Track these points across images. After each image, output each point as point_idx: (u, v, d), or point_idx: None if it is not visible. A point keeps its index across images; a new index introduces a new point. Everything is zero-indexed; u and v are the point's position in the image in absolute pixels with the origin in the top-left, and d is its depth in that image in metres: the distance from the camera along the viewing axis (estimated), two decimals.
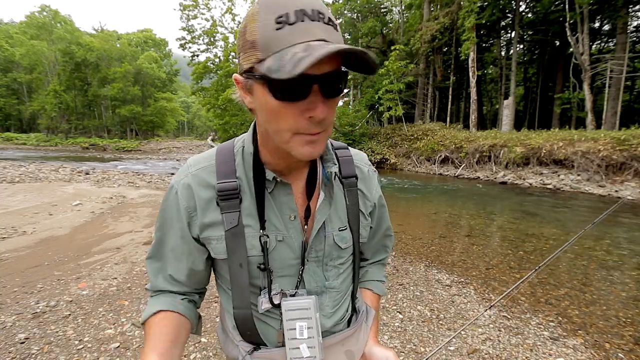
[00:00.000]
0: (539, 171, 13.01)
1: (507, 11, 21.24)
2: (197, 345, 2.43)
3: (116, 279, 3.55)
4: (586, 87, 15.47)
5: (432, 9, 23.19)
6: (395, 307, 3.12)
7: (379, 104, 21.14)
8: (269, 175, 0.64)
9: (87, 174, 12.54)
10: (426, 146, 18.12)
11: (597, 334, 2.73)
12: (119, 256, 4.22)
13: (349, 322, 0.79)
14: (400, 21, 27.07)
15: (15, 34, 48.34)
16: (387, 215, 0.89)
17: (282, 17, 0.48)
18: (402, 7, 26.89)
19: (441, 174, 16.54)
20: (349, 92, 32.80)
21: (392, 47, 21.19)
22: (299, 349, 0.66)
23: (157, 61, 50.36)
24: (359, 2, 26.41)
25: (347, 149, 0.79)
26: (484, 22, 19.62)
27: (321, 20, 0.49)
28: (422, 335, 2.67)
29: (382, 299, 3.25)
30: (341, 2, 25.72)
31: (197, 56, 29.93)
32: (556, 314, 3.03)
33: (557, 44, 22.09)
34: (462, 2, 19.13)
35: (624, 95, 16.99)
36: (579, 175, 11.65)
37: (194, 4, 27.85)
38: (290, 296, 0.67)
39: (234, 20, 28.84)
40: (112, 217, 6.19)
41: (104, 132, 49.29)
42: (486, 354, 2.42)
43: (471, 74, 19.28)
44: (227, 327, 0.76)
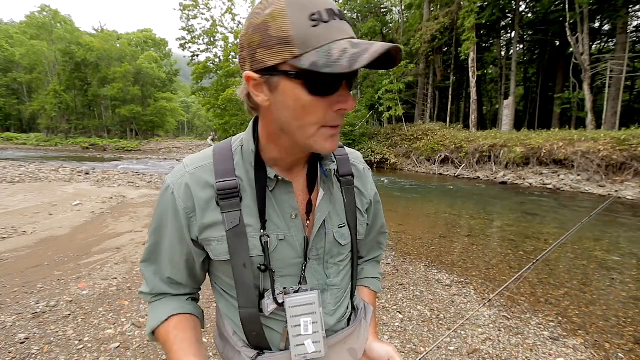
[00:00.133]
0: (539, 171, 13.01)
1: (507, 11, 21.24)
2: None
3: (116, 279, 3.55)
4: (586, 87, 15.47)
5: (432, 9, 23.18)
6: (395, 307, 3.12)
7: (379, 104, 21.13)
8: (271, 173, 0.64)
9: (87, 174, 12.54)
10: (426, 146, 18.12)
11: (597, 334, 2.73)
12: (119, 256, 4.22)
13: (349, 320, 0.79)
14: (400, 21, 27.06)
15: (15, 34, 48.34)
16: (382, 212, 0.90)
17: (315, 15, 0.49)
18: (402, 7, 26.88)
19: (441, 174, 16.54)
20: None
21: None
22: (304, 345, 0.65)
23: (157, 61, 50.33)
24: (359, 2, 26.41)
25: (343, 147, 0.80)
26: (484, 22, 19.62)
27: (344, 19, 0.53)
28: (422, 335, 2.67)
29: (382, 299, 3.25)
30: (341, 2, 25.71)
31: (197, 56, 29.95)
32: (556, 314, 3.03)
33: (557, 44, 22.09)
34: (462, 2, 19.13)
35: (624, 95, 16.99)
36: (579, 175, 11.65)
37: (194, 4, 27.85)
38: (293, 293, 0.67)
39: (234, 20, 28.84)
40: (112, 217, 6.19)
41: (104, 132, 49.29)
42: (486, 354, 2.42)
43: (471, 74, 19.28)
44: (226, 333, 0.74)
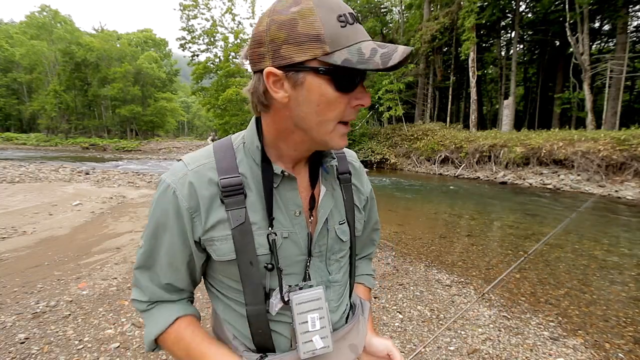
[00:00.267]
0: (539, 171, 13.01)
1: (507, 11, 21.25)
2: None
3: (116, 279, 3.55)
4: (586, 87, 15.47)
5: (432, 9, 23.18)
6: (395, 307, 3.12)
7: (379, 104, 21.13)
8: (277, 169, 0.64)
9: (87, 174, 12.54)
10: (426, 146, 18.12)
11: (597, 334, 2.73)
12: (119, 256, 4.22)
13: (347, 316, 0.79)
14: (400, 21, 27.06)
15: (15, 34, 48.34)
16: (376, 208, 0.93)
17: (342, 16, 0.53)
18: (402, 7, 26.88)
19: (441, 174, 16.54)
20: None
21: None
22: (312, 341, 0.65)
23: (157, 61, 50.33)
24: (359, 2, 26.40)
25: None
26: (484, 22, 19.62)
27: (360, 24, 0.57)
28: (422, 335, 2.67)
29: (382, 299, 3.25)
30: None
31: (197, 56, 29.89)
32: (556, 314, 3.03)
33: (557, 44, 22.10)
34: (462, 2, 19.13)
35: (624, 95, 16.99)
36: (579, 175, 11.65)
37: (194, 4, 27.81)
38: (299, 289, 0.66)
39: (234, 20, 28.79)
40: (112, 217, 6.19)
41: (104, 132, 49.30)
42: (486, 354, 2.42)
43: (471, 74, 19.28)
44: (225, 338, 0.72)
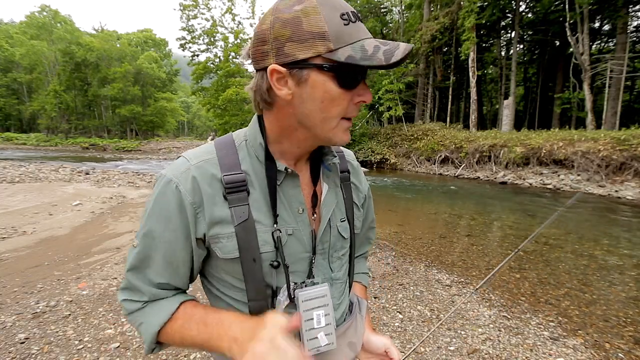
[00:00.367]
0: (539, 171, 13.01)
1: (507, 11, 21.25)
2: None
3: (116, 279, 3.55)
4: (586, 87, 15.47)
5: (432, 9, 23.19)
6: (395, 307, 3.12)
7: (379, 104, 21.13)
8: (280, 166, 0.64)
9: (87, 174, 12.54)
10: (426, 146, 18.12)
11: (597, 334, 2.73)
12: (119, 256, 4.22)
13: (345, 316, 0.79)
14: (400, 21, 27.05)
15: (15, 34, 48.35)
16: (373, 206, 0.94)
17: (345, 15, 0.54)
18: (402, 7, 26.88)
19: (441, 174, 16.54)
20: None
21: None
22: (317, 338, 0.64)
23: (157, 61, 50.34)
24: (359, 2, 26.40)
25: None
26: (484, 22, 19.63)
27: (362, 22, 0.57)
28: (422, 335, 2.67)
29: (382, 299, 3.25)
30: None
31: (197, 56, 29.88)
32: (556, 314, 3.03)
33: (557, 44, 22.11)
34: (462, 2, 19.13)
35: (624, 95, 16.99)
36: (579, 175, 11.65)
37: (194, 4, 27.80)
38: (305, 287, 0.66)
39: (234, 20, 28.78)
40: (112, 217, 6.19)
41: (104, 132, 49.31)
42: (486, 354, 2.42)
43: (471, 74, 19.28)
44: None
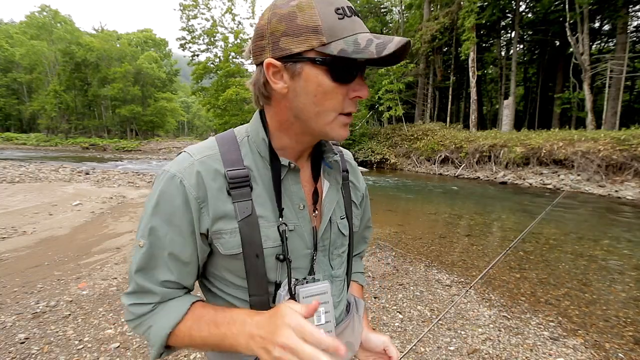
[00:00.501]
0: (539, 171, 13.01)
1: (507, 11, 21.25)
2: None
3: (116, 279, 3.55)
4: (586, 87, 15.47)
5: (432, 9, 23.20)
6: (395, 307, 3.12)
7: (379, 104, 21.14)
8: (284, 161, 0.64)
9: (87, 174, 12.54)
10: (426, 146, 18.12)
11: (597, 334, 2.73)
12: (119, 256, 4.22)
13: (342, 315, 0.78)
14: (400, 21, 27.06)
15: (15, 34, 48.36)
16: (369, 206, 0.95)
17: (340, 9, 0.55)
18: (402, 7, 26.89)
19: (441, 174, 16.54)
20: None
21: None
22: None
23: (157, 61, 50.35)
24: (359, 2, 26.41)
25: (338, 146, 0.83)
26: (484, 22, 19.63)
27: (359, 17, 0.58)
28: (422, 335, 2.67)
29: (382, 299, 3.25)
30: None
31: (197, 56, 29.88)
32: (556, 314, 3.03)
33: (557, 44, 22.10)
34: (462, 2, 19.14)
35: (624, 95, 16.99)
36: (579, 175, 11.65)
37: (194, 4, 27.80)
38: (306, 283, 0.66)
39: (234, 20, 28.80)
40: (112, 217, 6.19)
41: (104, 132, 49.31)
42: (486, 354, 2.42)
43: (471, 74, 19.28)
44: None
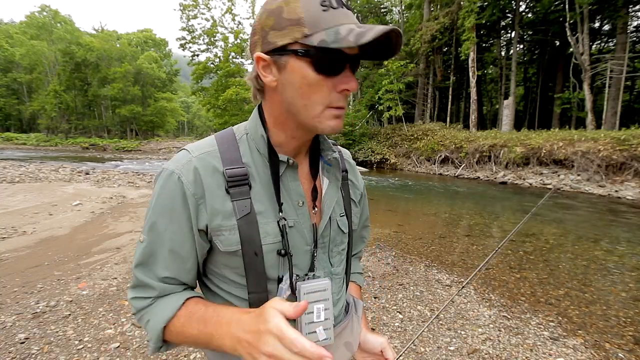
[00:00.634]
0: (539, 171, 13.01)
1: (507, 11, 21.25)
2: None
3: (116, 279, 3.55)
4: (586, 87, 15.47)
5: (432, 9, 23.19)
6: (395, 307, 3.12)
7: (379, 104, 21.14)
8: (283, 157, 0.64)
9: (87, 174, 12.54)
10: (426, 146, 18.12)
11: (597, 334, 2.73)
12: (119, 256, 4.22)
13: (341, 316, 0.78)
14: (400, 21, 27.06)
15: (15, 34, 48.37)
16: (367, 204, 0.94)
17: (325, 1, 0.54)
18: (402, 7, 26.90)
19: (441, 174, 16.54)
20: None
21: None
22: (315, 332, 0.63)
23: (157, 61, 50.35)
24: (359, 2, 26.42)
25: (337, 145, 0.83)
26: (484, 22, 19.63)
27: (350, 9, 0.57)
28: (422, 335, 2.67)
29: (382, 299, 3.25)
30: None
31: (197, 56, 29.93)
32: (556, 314, 3.03)
33: (557, 44, 22.10)
34: (462, 2, 19.14)
35: (624, 95, 16.99)
36: (579, 175, 11.65)
37: (194, 4, 27.83)
38: (307, 279, 0.66)
39: (234, 20, 28.86)
40: (112, 217, 6.19)
41: (104, 132, 49.31)
42: (486, 354, 2.42)
43: (471, 74, 19.28)
44: None
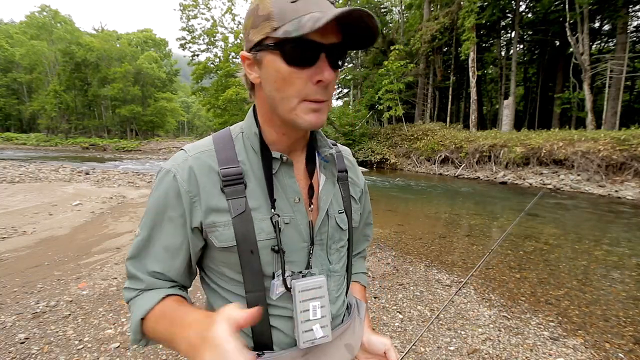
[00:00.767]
0: (539, 171, 13.01)
1: (507, 11, 21.25)
2: None
3: (116, 279, 3.55)
4: (586, 87, 15.47)
5: (432, 9, 23.19)
6: (395, 307, 3.12)
7: (379, 104, 21.14)
8: (275, 154, 0.64)
9: (87, 174, 12.54)
10: (426, 146, 18.12)
11: (597, 334, 2.73)
12: (119, 256, 4.22)
13: (343, 316, 0.78)
14: (400, 21, 27.06)
15: (15, 34, 48.37)
16: (369, 202, 0.94)
17: None
18: (402, 7, 26.89)
19: (441, 174, 16.54)
20: (349, 92, 32.79)
21: (392, 47, 21.18)
22: (312, 330, 0.64)
23: (157, 61, 50.36)
24: (359, 2, 26.43)
25: (336, 144, 0.83)
26: (484, 22, 19.63)
27: None
28: (422, 335, 2.67)
29: (382, 299, 3.25)
30: (341, 2, 25.73)
31: (197, 56, 29.90)
32: (556, 314, 3.03)
33: (557, 44, 22.10)
34: (462, 2, 19.13)
35: (624, 95, 16.99)
36: (579, 175, 11.65)
37: (194, 4, 27.80)
38: (302, 277, 0.66)
39: (234, 20, 28.81)
40: (112, 217, 6.19)
41: (104, 132, 49.31)
42: (486, 354, 2.42)
43: (471, 74, 19.27)
44: None
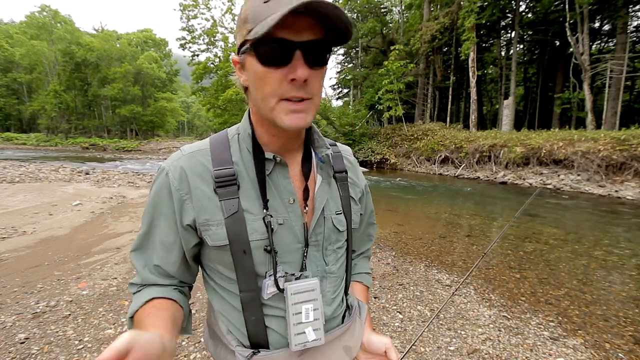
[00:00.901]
0: (539, 171, 13.01)
1: (507, 11, 21.24)
2: (197, 345, 2.43)
3: (116, 279, 3.55)
4: (586, 87, 15.47)
5: (432, 9, 23.19)
6: (395, 307, 3.12)
7: (379, 104, 21.14)
8: (269, 155, 0.65)
9: (87, 174, 12.53)
10: (426, 146, 18.12)
11: (597, 334, 2.73)
12: (119, 256, 4.22)
13: (343, 317, 0.78)
14: (400, 21, 27.06)
15: (15, 34, 48.33)
16: (371, 202, 0.93)
17: None
18: (402, 7, 26.88)
19: (441, 174, 16.54)
20: (349, 92, 32.78)
21: (392, 47, 21.20)
22: (304, 333, 0.64)
23: (157, 61, 50.34)
24: (359, 2, 26.43)
25: (336, 144, 0.83)
26: (484, 22, 19.63)
27: None
28: (422, 335, 2.67)
29: (382, 299, 3.25)
30: (341, 2, 25.73)
31: (197, 56, 29.94)
32: (556, 314, 3.03)
33: (557, 44, 22.09)
34: (462, 2, 19.13)
35: (624, 95, 16.99)
36: (579, 175, 11.65)
37: (194, 4, 27.84)
38: (295, 279, 0.66)
39: (234, 20, 28.84)
40: (112, 217, 6.19)
41: (104, 132, 49.30)
42: (486, 354, 2.42)
43: (471, 74, 19.27)
44: (219, 332, 0.71)
